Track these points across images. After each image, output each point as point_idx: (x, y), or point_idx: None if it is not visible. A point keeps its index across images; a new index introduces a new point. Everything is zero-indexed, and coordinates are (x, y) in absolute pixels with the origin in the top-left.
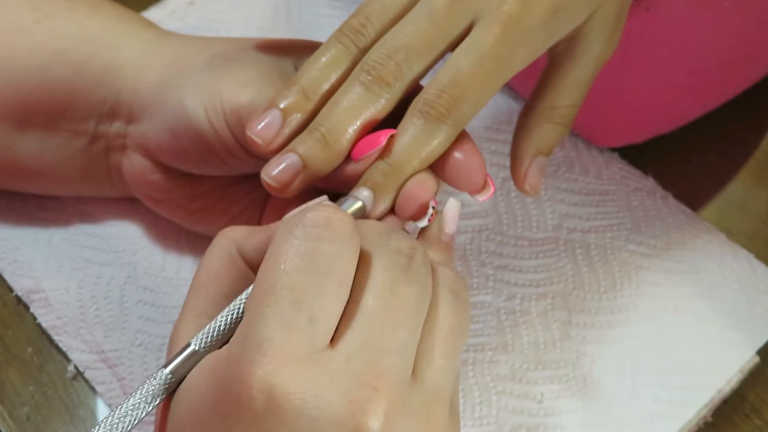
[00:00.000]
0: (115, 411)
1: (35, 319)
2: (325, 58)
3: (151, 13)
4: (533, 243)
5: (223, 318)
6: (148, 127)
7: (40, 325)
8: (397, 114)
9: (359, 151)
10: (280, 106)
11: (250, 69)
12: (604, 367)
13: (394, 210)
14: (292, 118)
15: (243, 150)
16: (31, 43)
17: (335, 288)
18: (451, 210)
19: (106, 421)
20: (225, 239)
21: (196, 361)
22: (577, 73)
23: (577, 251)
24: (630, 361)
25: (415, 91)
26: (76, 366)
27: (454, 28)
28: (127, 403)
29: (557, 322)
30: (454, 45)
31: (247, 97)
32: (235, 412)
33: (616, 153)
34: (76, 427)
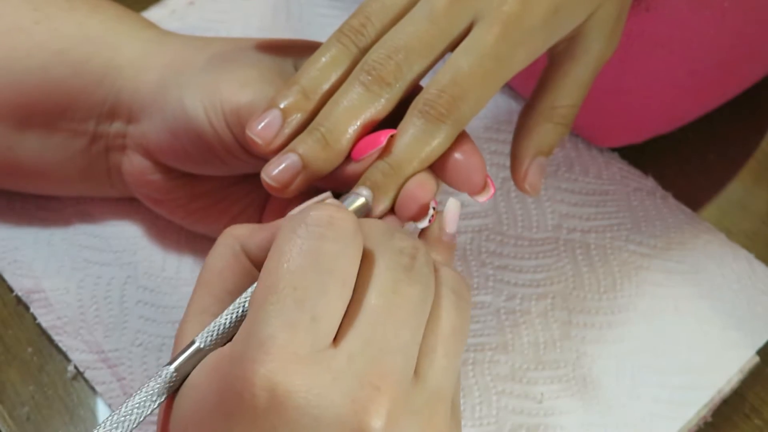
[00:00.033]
0: (120, 408)
1: (35, 319)
2: (325, 58)
3: (151, 13)
4: (533, 243)
5: (227, 316)
6: (148, 127)
7: (40, 325)
8: (397, 114)
9: (359, 151)
10: (280, 106)
11: (249, 69)
12: (604, 367)
13: (393, 210)
14: (292, 118)
15: (243, 150)
16: (31, 43)
17: (338, 287)
18: (452, 210)
19: (111, 418)
20: (229, 237)
21: (200, 358)
22: (577, 73)
23: (577, 251)
24: (630, 361)
25: (415, 91)
26: (76, 366)
27: (454, 28)
28: (132, 401)
29: (557, 322)
30: (454, 45)
31: (247, 97)
32: (238, 410)
33: (616, 153)
34: (76, 427)
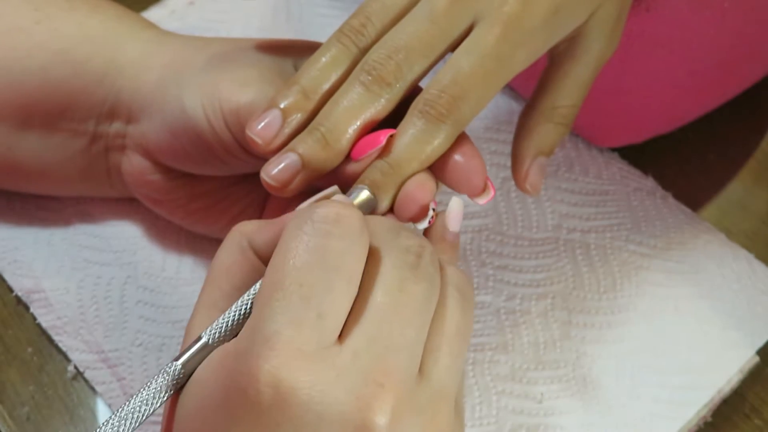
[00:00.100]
0: (127, 403)
1: (35, 319)
2: (326, 58)
3: (151, 13)
4: (533, 243)
5: (234, 311)
6: (148, 127)
7: (40, 325)
8: (397, 114)
9: (359, 150)
10: (280, 106)
11: (249, 69)
12: (604, 367)
13: (393, 211)
14: (292, 118)
15: (242, 150)
16: (31, 43)
17: (344, 284)
18: (455, 209)
19: (118, 413)
20: (237, 233)
21: (207, 354)
22: (577, 73)
23: (577, 251)
24: (630, 361)
25: (416, 91)
26: (76, 366)
27: (454, 29)
28: (139, 396)
29: (557, 322)
30: (455, 45)
31: (247, 97)
32: (242, 406)
33: (616, 153)
34: (76, 427)
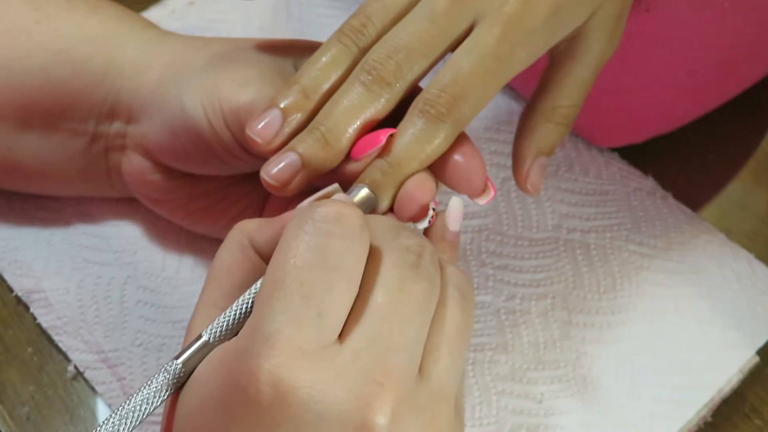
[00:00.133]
0: (127, 402)
1: (35, 319)
2: (326, 58)
3: (151, 13)
4: (533, 243)
5: (234, 310)
6: (148, 127)
7: (40, 325)
8: (397, 114)
9: (359, 150)
10: (281, 106)
11: (249, 69)
12: (604, 367)
13: (393, 210)
14: (292, 118)
15: (242, 149)
16: (31, 43)
17: (344, 284)
18: (455, 208)
19: (118, 411)
20: (238, 231)
21: (207, 352)
22: (578, 73)
23: (577, 251)
24: (630, 361)
25: (416, 92)
26: (76, 366)
27: (454, 29)
28: (139, 394)
29: (557, 322)
30: (455, 45)
31: (247, 96)
32: (242, 405)
33: (616, 153)
34: (76, 427)
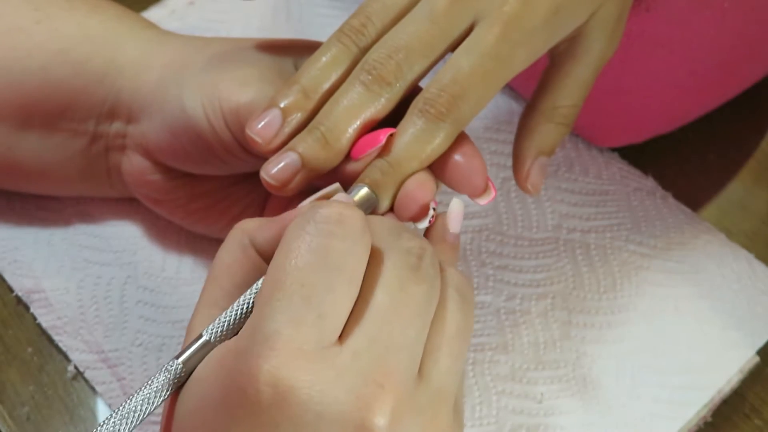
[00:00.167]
0: (127, 401)
1: (35, 319)
2: (326, 58)
3: (151, 13)
4: (533, 243)
5: (235, 310)
6: (148, 126)
7: (40, 325)
8: (397, 114)
9: (359, 149)
10: (281, 105)
11: (249, 68)
12: (604, 367)
13: (393, 210)
14: (292, 118)
15: (242, 149)
16: (32, 44)
17: (345, 285)
18: (456, 210)
19: (118, 411)
20: (239, 231)
21: (207, 352)
22: (578, 73)
23: (577, 251)
24: (630, 361)
25: (416, 91)
26: (76, 366)
27: (454, 28)
28: (139, 394)
29: (557, 322)
30: (455, 45)
31: (247, 96)
32: (241, 406)
33: (616, 153)
34: (76, 427)
